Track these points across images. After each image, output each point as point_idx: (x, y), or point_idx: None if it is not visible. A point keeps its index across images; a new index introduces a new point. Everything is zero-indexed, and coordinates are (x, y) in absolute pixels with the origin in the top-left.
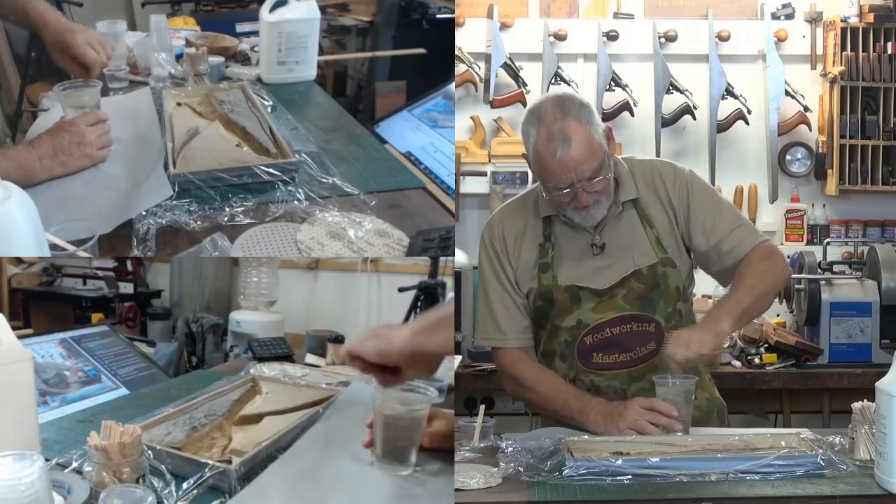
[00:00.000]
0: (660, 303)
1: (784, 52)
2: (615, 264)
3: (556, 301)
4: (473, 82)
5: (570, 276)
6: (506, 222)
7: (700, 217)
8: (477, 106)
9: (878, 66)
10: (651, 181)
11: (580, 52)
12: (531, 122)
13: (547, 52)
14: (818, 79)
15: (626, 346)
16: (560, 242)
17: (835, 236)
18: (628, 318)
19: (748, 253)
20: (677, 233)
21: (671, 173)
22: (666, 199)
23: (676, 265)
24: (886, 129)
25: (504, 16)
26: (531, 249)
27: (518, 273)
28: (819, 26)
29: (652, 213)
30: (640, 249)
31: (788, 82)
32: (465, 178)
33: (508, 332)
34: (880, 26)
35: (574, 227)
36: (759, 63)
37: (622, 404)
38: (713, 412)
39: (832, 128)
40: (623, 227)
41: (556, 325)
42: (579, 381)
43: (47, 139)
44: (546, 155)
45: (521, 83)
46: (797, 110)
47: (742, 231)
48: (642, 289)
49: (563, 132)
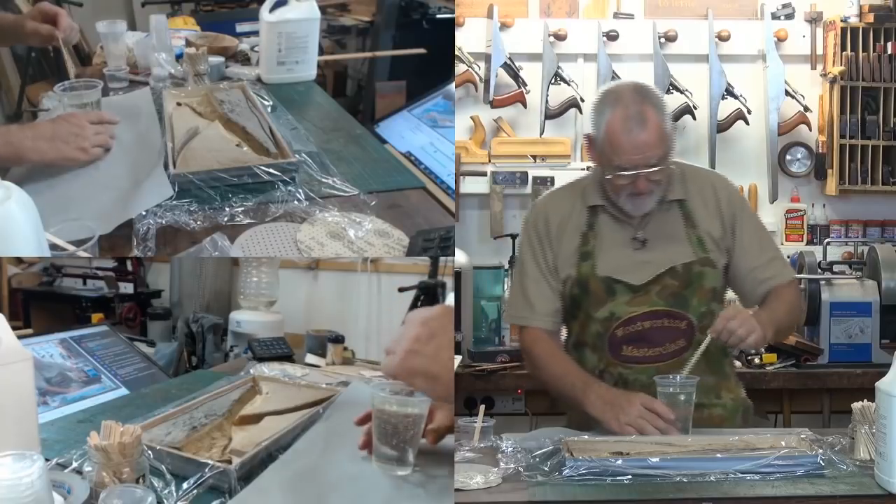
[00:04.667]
0: (693, 301)
1: (784, 52)
2: (654, 260)
3: (591, 291)
4: (473, 82)
5: (609, 267)
6: (551, 207)
7: (745, 239)
8: (477, 106)
9: (878, 66)
10: (702, 189)
11: (580, 52)
12: (607, 103)
13: (547, 52)
14: (818, 79)
15: (656, 341)
16: (603, 233)
17: (835, 236)
18: (660, 314)
19: (780, 286)
20: (722, 245)
21: (725, 187)
22: (715, 210)
23: (716, 266)
24: (886, 129)
25: (504, 16)
26: (574, 237)
27: (558, 259)
28: (819, 26)
29: (698, 216)
30: (679, 247)
31: (788, 82)
32: (465, 178)
33: (538, 312)
34: (880, 26)
35: (618, 220)
36: (759, 63)
37: (625, 396)
38: (738, 411)
39: (832, 128)
40: (666, 224)
41: (590, 315)
42: (608, 373)
43: (48, 124)
44: (620, 133)
45: (521, 83)
46: (797, 110)
47: (779, 264)
48: (676, 286)
49: (641, 115)
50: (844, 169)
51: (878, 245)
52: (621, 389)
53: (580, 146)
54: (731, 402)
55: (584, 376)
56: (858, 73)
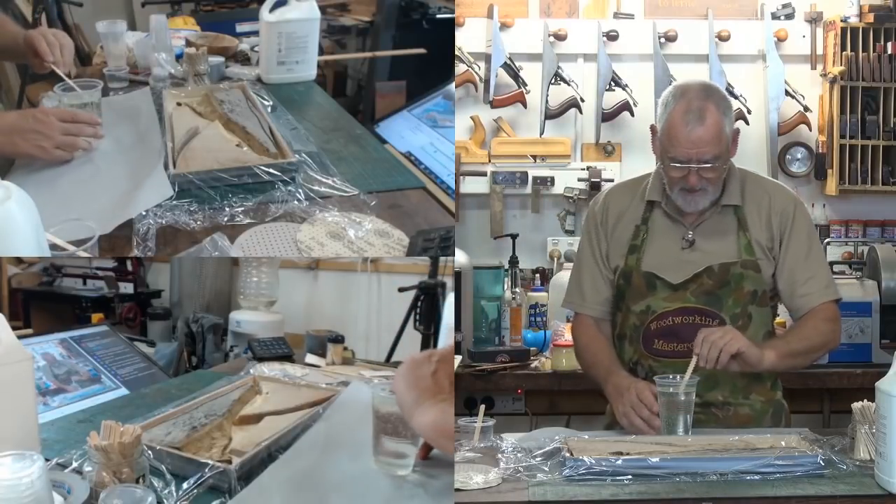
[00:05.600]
0: (728, 301)
1: (784, 52)
2: (699, 261)
3: (633, 284)
4: (473, 82)
5: (653, 263)
6: (612, 198)
7: (791, 251)
8: (477, 106)
9: (878, 66)
10: (759, 197)
11: (580, 52)
12: (674, 95)
13: (547, 52)
14: (818, 79)
15: (686, 336)
16: (654, 228)
17: (835, 236)
18: (692, 311)
19: (817, 306)
20: (770, 254)
21: (783, 196)
22: (767, 218)
23: (760, 270)
24: (886, 129)
25: (504, 16)
26: (627, 229)
27: (610, 248)
28: (819, 26)
29: (750, 222)
30: (726, 250)
31: (788, 82)
32: (465, 178)
33: (588, 300)
34: (880, 26)
35: (672, 218)
36: (759, 63)
37: (629, 385)
38: (767, 413)
39: (832, 128)
40: (718, 227)
41: (629, 308)
42: (640, 365)
43: (13, 116)
44: (679, 125)
45: (521, 83)
46: (797, 110)
47: (820, 282)
48: (711, 284)
49: (702, 111)
50: (844, 169)
51: (878, 245)
52: (636, 379)
53: (580, 146)
54: (760, 403)
55: (609, 365)
56: (858, 73)
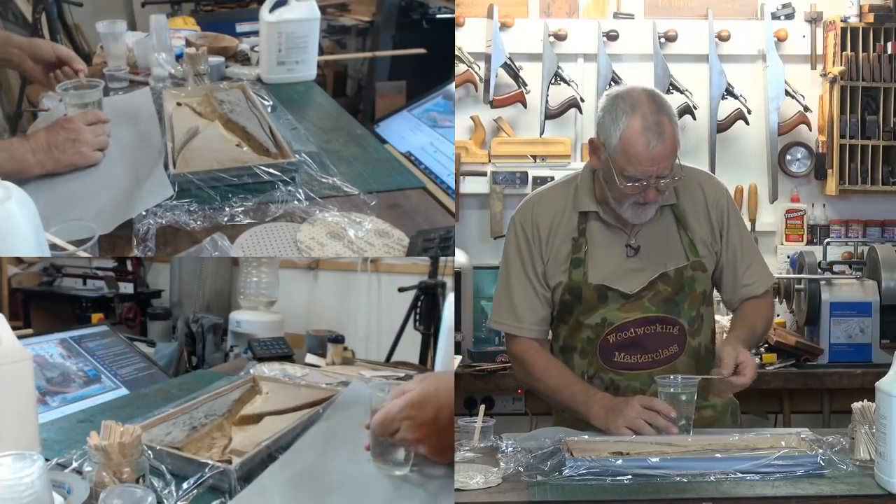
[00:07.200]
0: (684, 306)
1: (784, 52)
2: (647, 268)
3: (583, 298)
4: (473, 82)
5: (601, 275)
6: (540, 212)
7: (731, 242)
8: (477, 106)
9: (878, 66)
10: (692, 191)
11: (580, 52)
12: (623, 109)
13: (547, 52)
14: (818, 79)
15: (649, 347)
16: (595, 239)
17: (835, 236)
18: (653, 320)
19: (759, 294)
20: (712, 248)
21: (712, 187)
22: (704, 212)
23: (706, 269)
24: (886, 129)
25: (504, 16)
26: (565, 243)
27: (548, 266)
28: (819, 26)
29: (689, 220)
30: (672, 253)
31: (788, 82)
32: (465, 178)
33: (525, 321)
34: (880, 26)
35: (609, 226)
36: (759, 63)
37: (624, 401)
38: (727, 412)
39: (832, 128)
40: (659, 230)
41: (580, 322)
42: (598, 378)
43: (43, 134)
44: (638, 144)
45: (521, 83)
46: (797, 110)
47: (759, 271)
48: (669, 291)
49: (659, 126)
50: (844, 169)
51: (878, 245)
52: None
53: (580, 146)
54: (720, 404)
55: (582, 387)
56: (858, 73)
